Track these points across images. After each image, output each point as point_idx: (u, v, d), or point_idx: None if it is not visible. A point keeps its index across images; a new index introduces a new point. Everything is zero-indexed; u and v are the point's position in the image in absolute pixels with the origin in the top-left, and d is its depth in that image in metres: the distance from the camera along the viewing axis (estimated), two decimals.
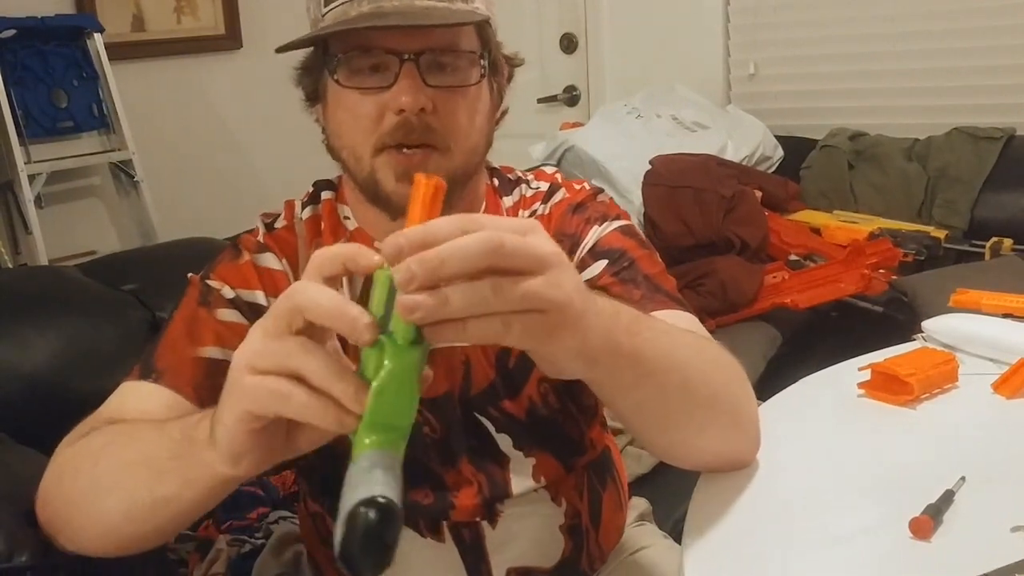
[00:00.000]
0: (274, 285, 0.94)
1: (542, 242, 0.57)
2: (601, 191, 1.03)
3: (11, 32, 2.57)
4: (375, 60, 0.86)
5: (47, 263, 2.56)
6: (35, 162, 2.64)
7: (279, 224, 0.99)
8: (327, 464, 0.95)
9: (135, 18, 2.96)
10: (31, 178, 2.61)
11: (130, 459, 0.74)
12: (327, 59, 0.90)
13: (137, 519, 0.74)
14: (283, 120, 3.26)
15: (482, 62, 0.91)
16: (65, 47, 2.70)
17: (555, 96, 3.45)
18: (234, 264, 0.95)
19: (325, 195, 1.00)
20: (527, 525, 0.99)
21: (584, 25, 3.38)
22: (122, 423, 0.81)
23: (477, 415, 0.96)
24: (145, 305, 1.61)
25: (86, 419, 0.86)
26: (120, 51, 2.84)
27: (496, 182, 1.03)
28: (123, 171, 2.87)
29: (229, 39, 3.13)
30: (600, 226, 0.97)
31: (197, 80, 3.10)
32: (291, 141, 3.31)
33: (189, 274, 0.97)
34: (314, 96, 0.95)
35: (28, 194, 2.59)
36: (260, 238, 0.97)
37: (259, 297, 0.93)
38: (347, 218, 0.99)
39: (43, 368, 1.43)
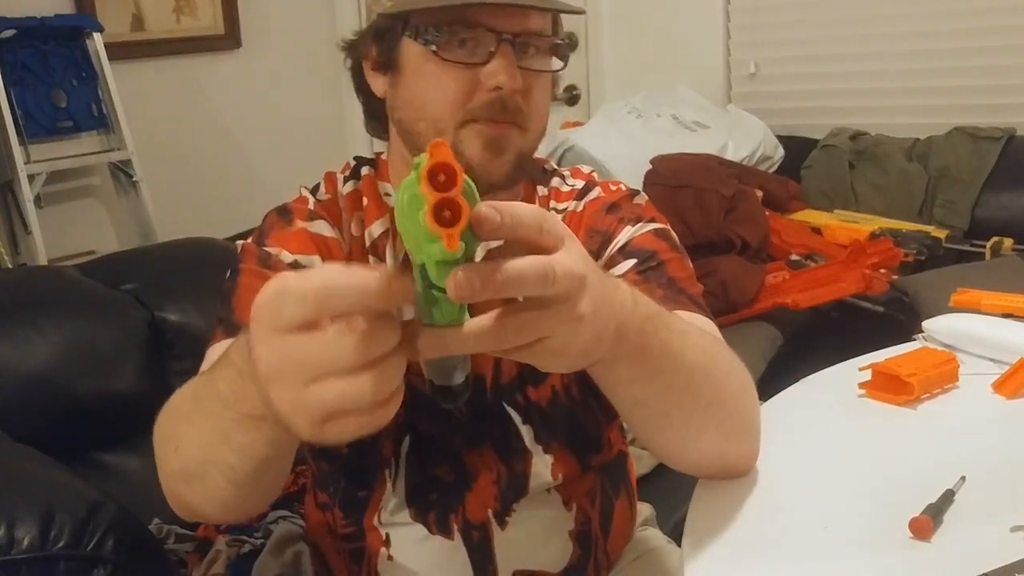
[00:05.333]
0: (328, 252, 0.94)
1: (576, 261, 0.56)
2: (638, 192, 1.02)
3: (11, 32, 2.57)
4: (473, 36, 0.87)
5: (47, 263, 2.56)
6: (35, 162, 2.64)
7: (322, 195, 0.99)
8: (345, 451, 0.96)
9: (134, 18, 2.97)
10: (31, 178, 2.61)
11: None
12: (416, 29, 0.89)
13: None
14: (282, 120, 3.29)
15: (561, 50, 0.94)
16: (65, 47, 2.70)
17: (555, 96, 3.44)
18: (288, 231, 0.95)
19: (365, 171, 1.00)
20: (536, 528, 0.99)
21: (584, 25, 3.38)
22: None
23: (505, 404, 0.96)
24: (145, 305, 1.61)
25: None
26: (119, 51, 2.84)
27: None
28: (122, 171, 2.87)
29: (228, 39, 3.13)
30: (634, 226, 0.96)
31: (196, 80, 3.10)
32: (290, 141, 3.32)
33: (239, 242, 0.96)
34: (385, 65, 0.93)
35: (28, 194, 2.59)
36: (311, 206, 0.97)
37: (317, 263, 0.92)
38: (388, 195, 0.99)
39: (43, 368, 1.43)
